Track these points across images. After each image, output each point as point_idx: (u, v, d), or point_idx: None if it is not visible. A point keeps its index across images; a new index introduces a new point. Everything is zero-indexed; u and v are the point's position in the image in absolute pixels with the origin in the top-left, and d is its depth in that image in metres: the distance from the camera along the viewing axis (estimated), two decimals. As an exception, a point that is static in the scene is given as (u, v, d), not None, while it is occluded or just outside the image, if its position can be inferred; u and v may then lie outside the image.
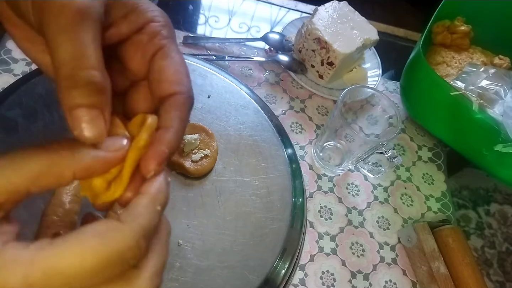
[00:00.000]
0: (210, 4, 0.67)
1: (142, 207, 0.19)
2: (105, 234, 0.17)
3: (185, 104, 0.22)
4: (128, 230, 0.17)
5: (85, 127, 0.19)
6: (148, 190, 0.19)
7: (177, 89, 0.22)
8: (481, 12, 0.60)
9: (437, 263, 0.45)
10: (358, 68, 0.62)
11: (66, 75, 0.18)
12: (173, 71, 0.22)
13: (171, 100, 0.22)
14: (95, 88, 0.19)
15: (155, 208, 0.19)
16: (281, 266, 0.40)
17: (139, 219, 0.18)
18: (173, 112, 0.22)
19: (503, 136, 0.46)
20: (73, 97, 0.19)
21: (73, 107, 0.19)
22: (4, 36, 0.53)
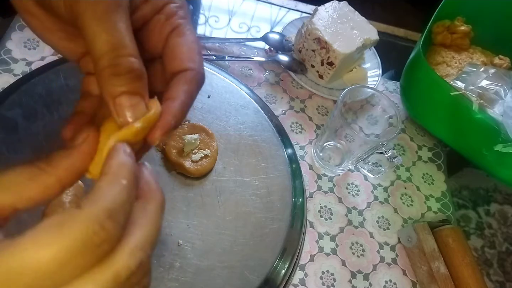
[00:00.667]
0: (210, 4, 0.67)
1: (103, 187, 0.18)
2: (62, 225, 0.16)
3: (194, 80, 0.23)
4: (85, 216, 0.16)
5: (128, 113, 0.19)
6: (107, 170, 0.18)
7: (188, 65, 0.23)
8: (481, 12, 0.60)
9: (437, 263, 0.45)
10: (358, 68, 0.62)
11: (107, 65, 0.19)
12: (186, 49, 0.23)
13: (181, 75, 0.23)
14: (135, 75, 0.20)
15: (119, 184, 0.18)
16: (281, 266, 0.40)
17: (100, 201, 0.17)
18: (181, 85, 0.22)
19: (503, 136, 0.46)
20: (115, 85, 0.19)
21: (115, 95, 0.19)
22: (4, 36, 0.53)
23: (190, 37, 0.24)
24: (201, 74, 0.23)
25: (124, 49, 0.19)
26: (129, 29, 0.20)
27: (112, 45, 0.19)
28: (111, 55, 0.19)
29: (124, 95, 0.19)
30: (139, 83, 0.20)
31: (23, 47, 0.53)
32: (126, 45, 0.19)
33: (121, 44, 0.19)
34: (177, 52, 0.23)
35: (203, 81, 0.24)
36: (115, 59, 0.19)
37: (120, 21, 0.20)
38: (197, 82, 0.23)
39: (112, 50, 0.19)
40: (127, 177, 0.18)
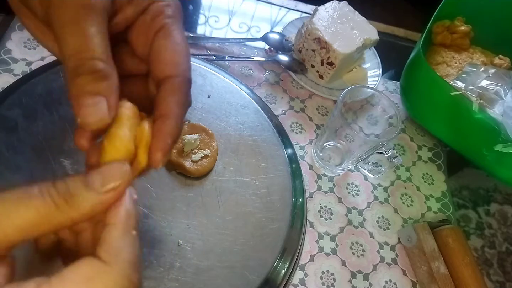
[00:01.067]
0: (210, 4, 0.67)
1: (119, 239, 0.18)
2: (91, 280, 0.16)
3: (182, 88, 0.22)
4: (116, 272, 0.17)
5: (87, 112, 0.19)
6: (117, 220, 0.18)
7: (173, 71, 0.22)
8: (481, 12, 0.60)
9: (437, 263, 0.45)
10: (358, 68, 0.62)
11: (72, 66, 0.19)
12: (170, 52, 0.22)
13: (167, 84, 0.22)
14: (99, 76, 0.19)
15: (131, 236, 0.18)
16: (281, 266, 0.40)
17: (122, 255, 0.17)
18: (169, 97, 0.21)
19: (503, 136, 0.46)
20: (78, 85, 0.19)
21: (78, 95, 0.19)
22: (4, 36, 0.53)
23: (177, 38, 0.23)
24: (188, 80, 0.22)
25: (89, 52, 0.19)
26: (101, 33, 0.20)
27: (78, 48, 0.19)
28: (76, 57, 0.19)
29: (85, 95, 0.19)
30: (102, 83, 0.19)
31: (23, 47, 0.53)
32: (91, 48, 0.19)
33: (86, 47, 0.19)
34: (162, 56, 0.22)
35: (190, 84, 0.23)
36: (79, 61, 0.19)
37: (90, 25, 0.19)
38: (185, 89, 0.22)
39: (77, 53, 0.19)
40: (136, 227, 0.19)
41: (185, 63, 0.22)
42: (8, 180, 0.38)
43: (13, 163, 0.38)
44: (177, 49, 0.22)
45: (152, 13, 0.23)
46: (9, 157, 0.39)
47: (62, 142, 0.40)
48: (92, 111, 0.19)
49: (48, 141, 0.40)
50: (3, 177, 0.38)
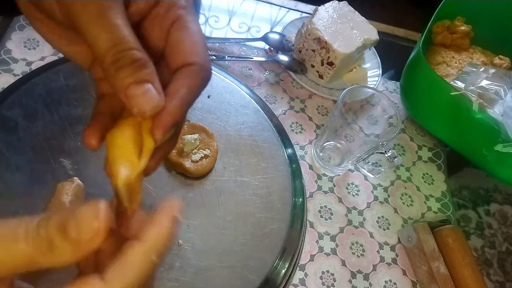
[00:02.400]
0: (210, 4, 0.67)
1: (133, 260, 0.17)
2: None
3: (198, 75, 0.21)
4: None
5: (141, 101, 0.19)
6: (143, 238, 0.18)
7: (191, 59, 0.22)
8: (481, 12, 0.60)
9: (437, 263, 0.45)
10: (358, 68, 0.62)
11: (111, 61, 0.19)
12: (189, 42, 0.22)
13: (183, 69, 0.21)
14: (139, 64, 0.19)
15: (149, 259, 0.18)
16: (281, 266, 0.40)
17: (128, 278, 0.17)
18: (182, 80, 0.21)
19: (503, 136, 0.46)
20: (122, 78, 0.19)
21: (125, 87, 0.19)
22: (4, 36, 0.53)
23: (193, 29, 0.22)
24: (206, 68, 0.22)
25: (124, 43, 0.19)
26: (127, 24, 0.20)
27: (112, 42, 0.19)
28: (113, 51, 0.19)
29: (132, 85, 0.19)
30: (145, 70, 0.20)
31: (23, 47, 0.53)
32: (125, 39, 0.19)
33: (120, 39, 0.19)
34: (180, 47, 0.22)
35: (208, 75, 0.22)
36: (117, 54, 0.19)
37: (116, 18, 0.19)
38: (201, 76, 0.22)
39: (113, 47, 0.19)
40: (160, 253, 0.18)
41: (204, 52, 0.22)
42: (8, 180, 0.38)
43: (13, 163, 0.38)
44: (195, 40, 0.22)
45: (165, 5, 0.23)
46: (9, 157, 0.39)
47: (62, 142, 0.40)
48: (145, 99, 0.19)
49: (48, 141, 0.40)
50: (3, 177, 0.38)
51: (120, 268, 0.17)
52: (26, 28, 0.54)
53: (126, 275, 0.17)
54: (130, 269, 0.17)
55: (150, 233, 0.18)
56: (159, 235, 0.18)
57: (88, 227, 0.16)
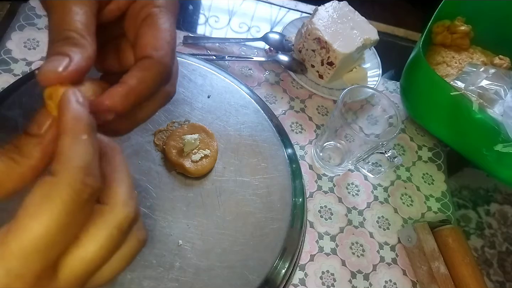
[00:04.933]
0: (210, 4, 0.67)
1: (67, 147, 0.18)
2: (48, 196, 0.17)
3: (152, 68, 0.22)
4: (65, 180, 0.17)
5: (45, 65, 0.19)
6: (63, 127, 0.18)
7: (149, 53, 0.22)
8: (481, 12, 0.60)
9: (437, 263, 0.45)
10: (358, 68, 0.62)
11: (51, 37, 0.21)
12: (151, 37, 0.22)
13: (140, 61, 0.22)
14: (70, 42, 0.20)
15: (80, 141, 0.18)
16: (281, 266, 0.40)
17: (71, 162, 0.17)
18: (135, 71, 0.22)
19: (503, 136, 0.46)
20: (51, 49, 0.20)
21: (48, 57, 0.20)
22: (4, 36, 0.53)
23: (162, 26, 0.23)
24: (163, 63, 0.22)
25: (67, 25, 0.20)
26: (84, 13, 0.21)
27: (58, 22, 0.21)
28: (55, 28, 0.21)
29: (53, 56, 0.20)
30: (70, 47, 0.20)
31: (23, 47, 0.53)
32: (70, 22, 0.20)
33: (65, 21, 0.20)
34: (142, 40, 0.22)
35: (164, 71, 0.22)
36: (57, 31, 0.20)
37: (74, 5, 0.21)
38: (155, 71, 0.22)
39: (57, 26, 0.21)
40: (86, 131, 0.18)
41: (164, 48, 0.22)
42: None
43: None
44: (159, 35, 0.22)
45: (142, 2, 0.23)
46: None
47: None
48: (50, 63, 0.19)
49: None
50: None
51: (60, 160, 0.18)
52: (26, 28, 0.54)
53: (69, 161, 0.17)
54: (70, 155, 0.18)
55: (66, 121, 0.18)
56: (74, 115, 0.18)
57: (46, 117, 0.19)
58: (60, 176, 0.17)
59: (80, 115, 0.18)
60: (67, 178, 0.17)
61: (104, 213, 0.19)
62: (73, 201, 0.17)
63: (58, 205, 0.17)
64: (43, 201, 0.17)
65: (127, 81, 0.21)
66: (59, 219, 0.17)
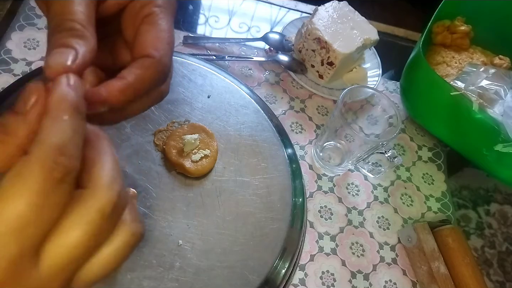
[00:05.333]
0: (210, 4, 0.67)
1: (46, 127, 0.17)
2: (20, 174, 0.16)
3: (151, 67, 0.22)
4: (36, 158, 0.17)
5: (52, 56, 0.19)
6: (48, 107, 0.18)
7: (149, 52, 0.22)
8: (481, 12, 0.60)
9: (437, 263, 0.45)
10: (358, 68, 0.62)
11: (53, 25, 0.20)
12: (152, 36, 0.22)
13: (139, 60, 0.22)
14: (75, 33, 0.20)
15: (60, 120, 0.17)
16: (281, 266, 0.40)
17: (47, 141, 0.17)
18: (134, 68, 0.22)
19: (503, 136, 0.46)
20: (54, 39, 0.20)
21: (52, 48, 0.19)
22: (4, 36, 0.53)
23: (161, 25, 0.23)
24: (162, 63, 0.22)
25: (70, 14, 0.20)
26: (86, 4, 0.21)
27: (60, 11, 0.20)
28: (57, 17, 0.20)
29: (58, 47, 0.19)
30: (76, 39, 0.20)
31: (23, 47, 0.53)
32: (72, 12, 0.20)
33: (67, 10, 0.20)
34: (142, 39, 0.22)
35: (163, 70, 0.23)
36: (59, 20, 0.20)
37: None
38: (155, 70, 0.22)
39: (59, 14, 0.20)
40: (68, 111, 0.18)
41: (164, 49, 0.22)
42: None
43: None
44: (159, 35, 0.23)
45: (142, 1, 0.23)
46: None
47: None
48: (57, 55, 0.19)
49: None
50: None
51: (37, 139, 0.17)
52: (26, 28, 0.54)
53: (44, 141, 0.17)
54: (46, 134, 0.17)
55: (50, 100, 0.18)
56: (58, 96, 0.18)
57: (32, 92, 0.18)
58: (32, 154, 0.17)
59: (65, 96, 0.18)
60: (39, 156, 0.17)
61: (86, 197, 0.18)
62: (44, 180, 0.16)
63: (29, 184, 0.16)
64: (14, 180, 0.16)
65: (126, 77, 0.21)
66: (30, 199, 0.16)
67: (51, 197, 0.17)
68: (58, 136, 0.17)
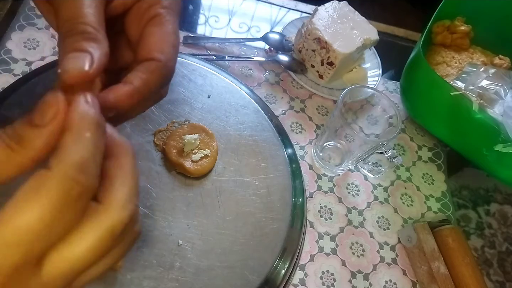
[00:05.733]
0: (210, 4, 0.67)
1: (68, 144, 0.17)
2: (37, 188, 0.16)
3: (156, 71, 0.22)
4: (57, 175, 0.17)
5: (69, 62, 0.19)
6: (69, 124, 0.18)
7: (155, 55, 0.22)
8: (481, 12, 0.60)
9: (437, 263, 0.45)
10: (358, 68, 0.62)
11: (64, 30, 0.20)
12: (158, 38, 0.22)
13: (145, 63, 0.22)
14: (88, 37, 0.20)
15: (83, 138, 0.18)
16: (281, 266, 0.40)
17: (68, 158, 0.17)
18: (140, 72, 0.22)
19: (503, 136, 0.46)
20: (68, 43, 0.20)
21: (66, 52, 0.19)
22: (4, 36, 0.53)
23: (168, 28, 0.23)
24: (168, 67, 0.22)
25: (81, 18, 0.20)
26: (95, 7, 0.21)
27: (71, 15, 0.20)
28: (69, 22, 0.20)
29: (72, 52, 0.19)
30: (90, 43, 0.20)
31: (23, 47, 0.53)
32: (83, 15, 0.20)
33: (78, 14, 0.20)
34: (148, 41, 0.22)
35: (169, 74, 0.23)
36: (71, 25, 0.20)
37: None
38: (160, 74, 0.22)
39: (70, 19, 0.20)
40: (90, 129, 0.18)
41: (170, 52, 0.23)
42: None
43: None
44: (165, 38, 0.23)
45: (148, 2, 0.23)
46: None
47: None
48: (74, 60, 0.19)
49: None
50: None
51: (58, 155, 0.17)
52: (26, 28, 0.54)
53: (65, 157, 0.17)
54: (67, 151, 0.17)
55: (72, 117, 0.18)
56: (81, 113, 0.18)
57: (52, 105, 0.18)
58: (52, 170, 0.17)
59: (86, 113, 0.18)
60: (59, 173, 0.17)
61: (99, 213, 0.18)
62: (60, 198, 0.16)
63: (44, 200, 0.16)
64: (30, 194, 0.16)
65: (132, 81, 0.21)
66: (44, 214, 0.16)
67: (64, 214, 0.17)
68: (79, 153, 0.17)
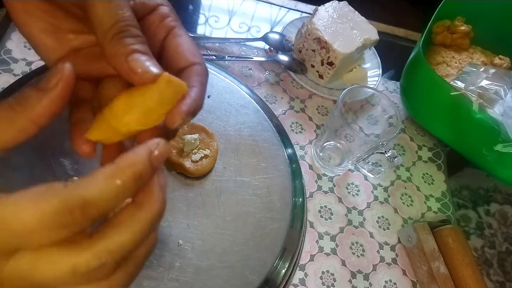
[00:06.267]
0: (210, 4, 0.67)
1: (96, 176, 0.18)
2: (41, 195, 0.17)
3: (203, 72, 0.24)
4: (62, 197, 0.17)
5: (149, 65, 0.20)
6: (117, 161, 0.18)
7: (195, 60, 0.24)
8: (481, 12, 0.60)
9: (437, 263, 0.45)
10: (358, 68, 0.62)
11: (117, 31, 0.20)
12: (188, 47, 0.24)
13: (190, 69, 0.24)
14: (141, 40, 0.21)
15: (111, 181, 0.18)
16: (281, 266, 0.40)
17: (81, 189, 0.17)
18: (194, 76, 0.23)
19: (503, 136, 0.46)
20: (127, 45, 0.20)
21: (128, 53, 0.20)
22: (4, 36, 0.53)
23: (188, 38, 0.25)
24: (206, 68, 0.25)
25: (128, 21, 0.21)
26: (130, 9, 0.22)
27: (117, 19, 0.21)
28: (120, 24, 0.21)
29: (137, 52, 0.20)
30: (145, 46, 0.21)
31: (23, 47, 0.53)
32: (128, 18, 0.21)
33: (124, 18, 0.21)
34: (180, 50, 0.24)
35: (208, 74, 0.25)
36: (124, 26, 0.21)
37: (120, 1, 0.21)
38: (206, 74, 0.24)
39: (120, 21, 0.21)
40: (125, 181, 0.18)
41: (201, 56, 0.25)
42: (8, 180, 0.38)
43: (13, 163, 0.38)
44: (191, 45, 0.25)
45: (160, 16, 0.25)
46: (9, 157, 0.39)
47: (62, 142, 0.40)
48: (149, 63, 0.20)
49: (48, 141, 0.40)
50: (3, 177, 0.38)
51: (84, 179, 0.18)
52: (26, 28, 0.54)
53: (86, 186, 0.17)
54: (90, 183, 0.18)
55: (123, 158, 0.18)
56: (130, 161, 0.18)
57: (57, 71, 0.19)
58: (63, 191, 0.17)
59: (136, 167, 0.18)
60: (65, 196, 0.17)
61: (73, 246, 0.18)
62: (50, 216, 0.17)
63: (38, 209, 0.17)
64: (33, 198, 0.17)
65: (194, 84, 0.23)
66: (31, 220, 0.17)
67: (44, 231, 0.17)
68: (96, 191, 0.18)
